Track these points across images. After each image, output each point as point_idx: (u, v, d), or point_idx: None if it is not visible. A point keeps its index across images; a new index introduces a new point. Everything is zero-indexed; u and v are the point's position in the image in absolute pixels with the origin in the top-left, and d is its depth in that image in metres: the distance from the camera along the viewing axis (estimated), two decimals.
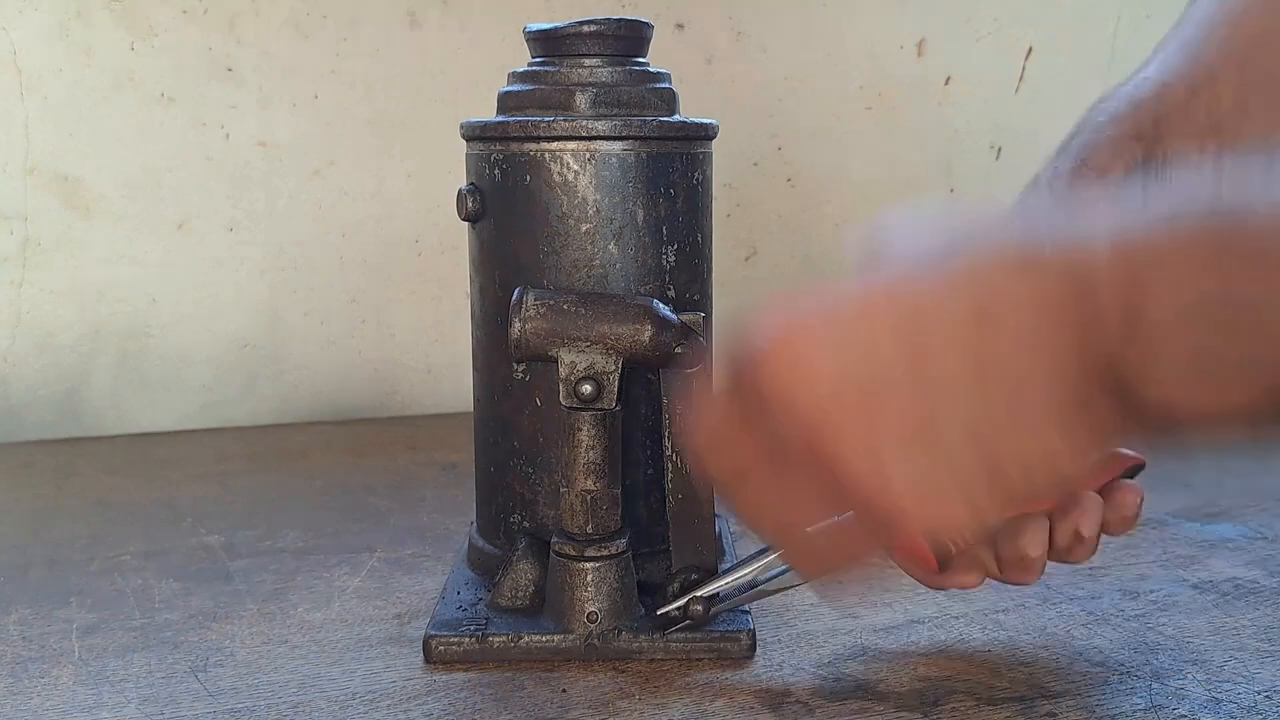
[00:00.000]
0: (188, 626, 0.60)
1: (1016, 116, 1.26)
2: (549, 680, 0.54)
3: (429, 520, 0.78)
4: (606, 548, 0.56)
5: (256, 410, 1.08)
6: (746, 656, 0.56)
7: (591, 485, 0.56)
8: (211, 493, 0.85)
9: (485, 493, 0.65)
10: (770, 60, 1.17)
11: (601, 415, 0.55)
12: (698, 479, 0.55)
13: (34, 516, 0.80)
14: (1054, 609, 0.61)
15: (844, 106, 1.20)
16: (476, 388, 0.64)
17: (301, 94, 1.05)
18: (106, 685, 0.54)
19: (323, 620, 0.61)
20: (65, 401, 1.03)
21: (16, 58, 0.98)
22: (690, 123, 0.61)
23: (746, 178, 1.18)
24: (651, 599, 0.58)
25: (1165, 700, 0.51)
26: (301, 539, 0.74)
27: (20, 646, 0.58)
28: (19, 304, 1.02)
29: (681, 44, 1.14)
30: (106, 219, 1.02)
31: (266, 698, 0.52)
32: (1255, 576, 0.65)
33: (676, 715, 0.51)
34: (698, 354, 0.56)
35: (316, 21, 1.05)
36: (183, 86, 1.02)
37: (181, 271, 1.05)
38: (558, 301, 0.55)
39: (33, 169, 1.00)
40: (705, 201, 0.63)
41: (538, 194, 0.59)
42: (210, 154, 1.04)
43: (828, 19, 1.18)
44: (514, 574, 0.59)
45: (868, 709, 0.51)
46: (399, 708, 0.51)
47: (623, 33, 0.61)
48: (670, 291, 0.60)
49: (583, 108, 0.59)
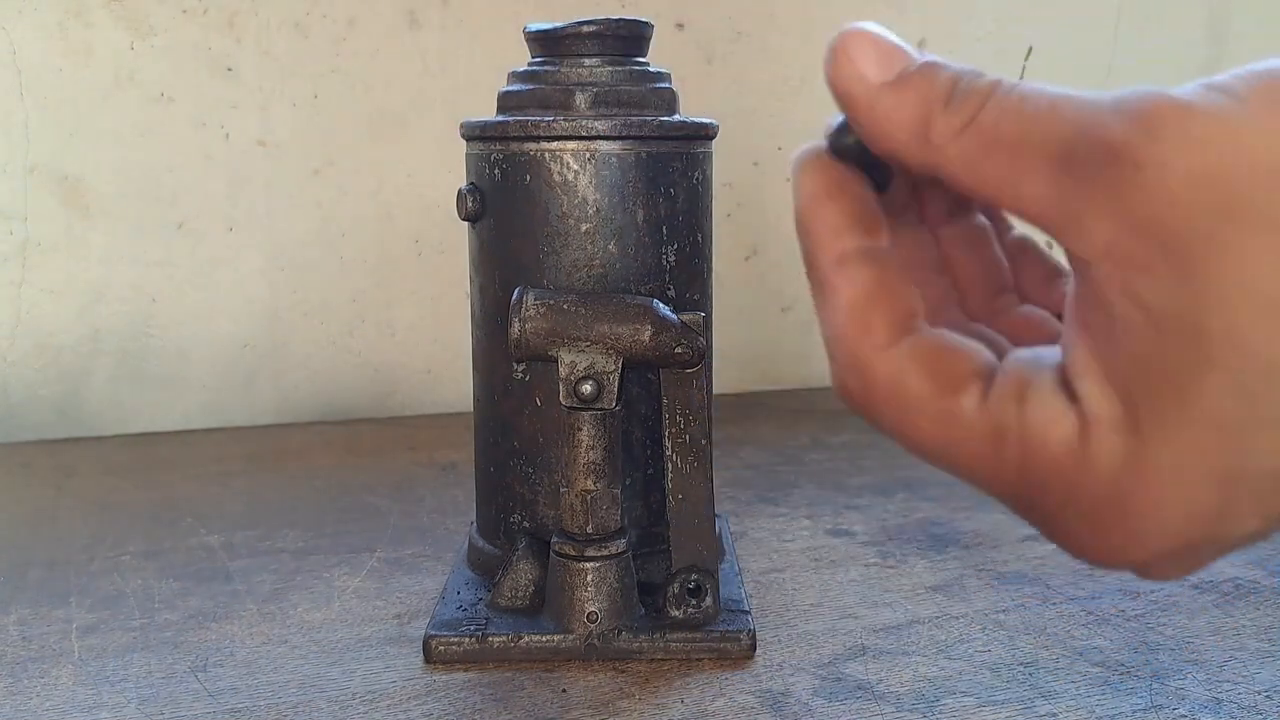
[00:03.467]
0: (188, 626, 0.60)
1: None
2: (549, 680, 0.54)
3: (429, 520, 0.78)
4: (606, 548, 0.56)
5: (256, 410, 1.08)
6: (746, 656, 0.56)
7: (591, 485, 0.56)
8: (211, 493, 0.85)
9: (485, 493, 0.65)
10: (770, 60, 1.17)
11: (601, 415, 0.55)
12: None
13: (34, 516, 0.80)
14: (1054, 609, 0.61)
15: None
16: (476, 388, 0.64)
17: (301, 94, 1.05)
18: (106, 685, 0.54)
19: (323, 620, 0.61)
20: (65, 401, 1.03)
21: (16, 57, 0.98)
22: (690, 123, 0.61)
23: (746, 178, 1.18)
24: (651, 599, 0.58)
25: (1165, 700, 0.51)
26: (301, 539, 0.74)
27: (20, 646, 0.58)
28: (19, 304, 1.02)
29: (681, 44, 1.14)
30: (106, 219, 1.02)
31: (266, 698, 0.52)
32: (1255, 576, 0.65)
33: (676, 715, 0.51)
34: (698, 354, 0.56)
35: (316, 21, 1.05)
36: (182, 86, 1.02)
37: (181, 271, 1.05)
38: (558, 301, 0.55)
39: (33, 169, 1.00)
40: (705, 201, 0.63)
41: (538, 194, 0.59)
42: (210, 154, 1.04)
43: (828, 19, 1.18)
44: (514, 574, 0.59)
45: (868, 709, 0.51)
46: (399, 708, 0.51)
47: (622, 32, 0.61)
48: (670, 291, 0.60)
49: (582, 107, 0.59)
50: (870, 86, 0.28)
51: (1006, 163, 0.25)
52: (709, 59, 1.15)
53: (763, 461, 0.92)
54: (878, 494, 0.82)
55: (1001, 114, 0.25)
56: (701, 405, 0.57)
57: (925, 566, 0.68)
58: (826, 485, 0.85)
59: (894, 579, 0.66)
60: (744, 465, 0.91)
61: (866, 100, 0.28)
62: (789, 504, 0.81)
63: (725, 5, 1.15)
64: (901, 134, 0.27)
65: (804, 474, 0.88)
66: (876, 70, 0.28)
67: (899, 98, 0.27)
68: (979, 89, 0.26)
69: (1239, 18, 1.32)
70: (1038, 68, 1.26)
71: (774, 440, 0.99)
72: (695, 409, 0.57)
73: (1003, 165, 0.25)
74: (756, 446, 0.97)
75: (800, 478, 0.87)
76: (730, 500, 0.81)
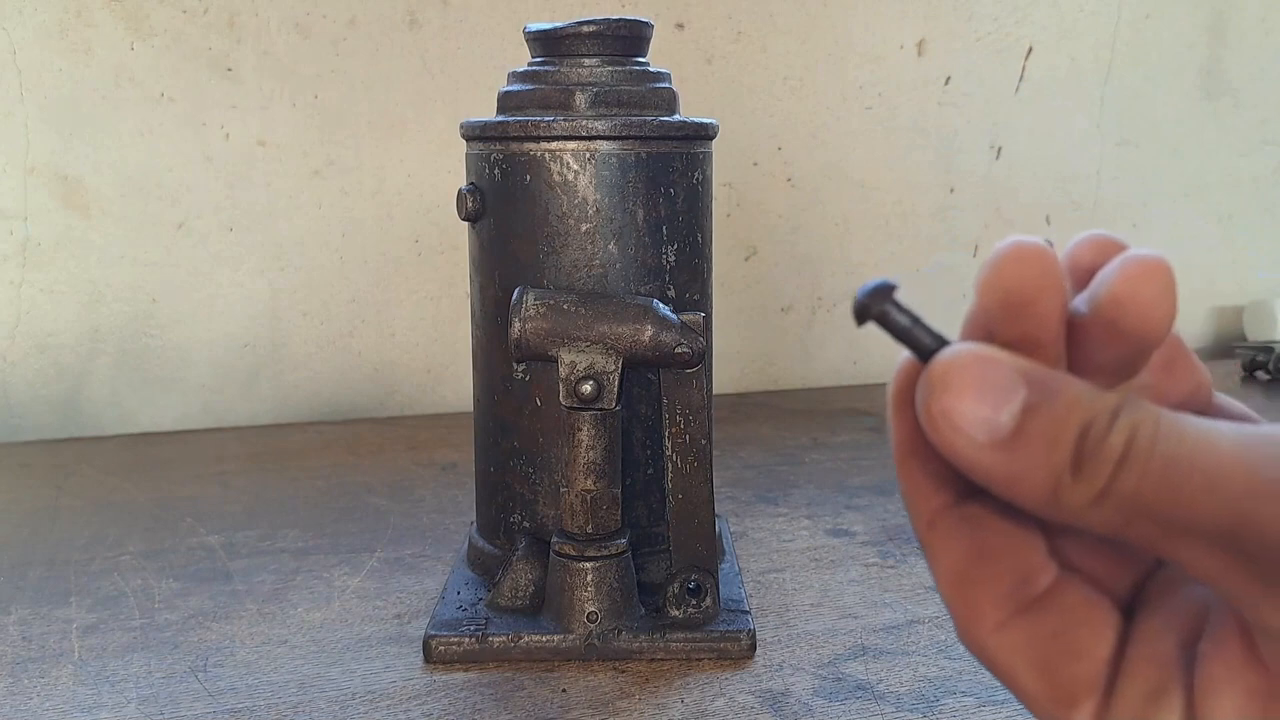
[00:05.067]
0: (188, 626, 0.60)
1: (1016, 116, 1.26)
2: (549, 680, 0.54)
3: (429, 520, 0.78)
4: (606, 548, 0.56)
5: (256, 410, 1.08)
6: (746, 656, 0.56)
7: (591, 485, 0.56)
8: (211, 493, 0.85)
9: (485, 493, 0.65)
10: (770, 60, 1.17)
11: (601, 415, 0.55)
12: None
13: (34, 516, 0.80)
14: None
15: (844, 106, 1.20)
16: (476, 388, 0.64)
17: (301, 94, 1.05)
18: (106, 685, 0.54)
19: (323, 620, 0.61)
20: (65, 401, 1.03)
21: (16, 57, 0.99)
22: (690, 123, 0.61)
23: (746, 178, 1.18)
24: (651, 599, 0.58)
25: None
26: (301, 539, 0.74)
27: (20, 646, 0.58)
28: (19, 304, 1.02)
29: (681, 44, 1.14)
30: (106, 219, 1.02)
31: (266, 698, 0.52)
32: None
33: (676, 715, 0.51)
34: (698, 354, 0.56)
35: (316, 21, 1.05)
36: (182, 86, 1.02)
37: (181, 271, 1.05)
38: (558, 301, 0.55)
39: (33, 169, 1.00)
40: (705, 201, 0.63)
41: (538, 194, 0.59)
42: (210, 154, 1.04)
43: (828, 19, 1.18)
44: (514, 574, 0.59)
45: (868, 709, 0.51)
46: (399, 708, 0.51)
47: (622, 32, 0.61)
48: (670, 291, 0.60)
49: (582, 107, 0.59)
50: (981, 450, 0.22)
51: (1157, 534, 0.22)
52: (709, 59, 1.15)
53: (763, 461, 0.92)
54: (878, 494, 0.82)
55: (1142, 484, 0.21)
56: (701, 405, 0.57)
57: (925, 566, 0.68)
58: (826, 485, 0.85)
59: (894, 579, 0.66)
60: (744, 465, 0.91)
61: (977, 464, 0.22)
62: (789, 504, 0.81)
63: (725, 5, 1.15)
64: (1025, 499, 0.22)
65: (804, 474, 0.88)
66: (983, 426, 0.22)
67: (1017, 461, 0.22)
68: (1113, 447, 0.21)
69: (1239, 18, 1.32)
70: (1038, 68, 1.26)
71: (774, 440, 0.99)
72: (695, 409, 0.57)
73: (1151, 535, 0.22)
74: (756, 446, 0.97)
75: (800, 478, 0.87)
76: (730, 500, 0.81)
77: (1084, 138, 1.30)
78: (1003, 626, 0.24)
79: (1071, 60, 1.27)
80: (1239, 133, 1.35)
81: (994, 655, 0.25)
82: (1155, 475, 0.21)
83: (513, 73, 0.63)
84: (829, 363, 1.23)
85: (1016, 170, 1.27)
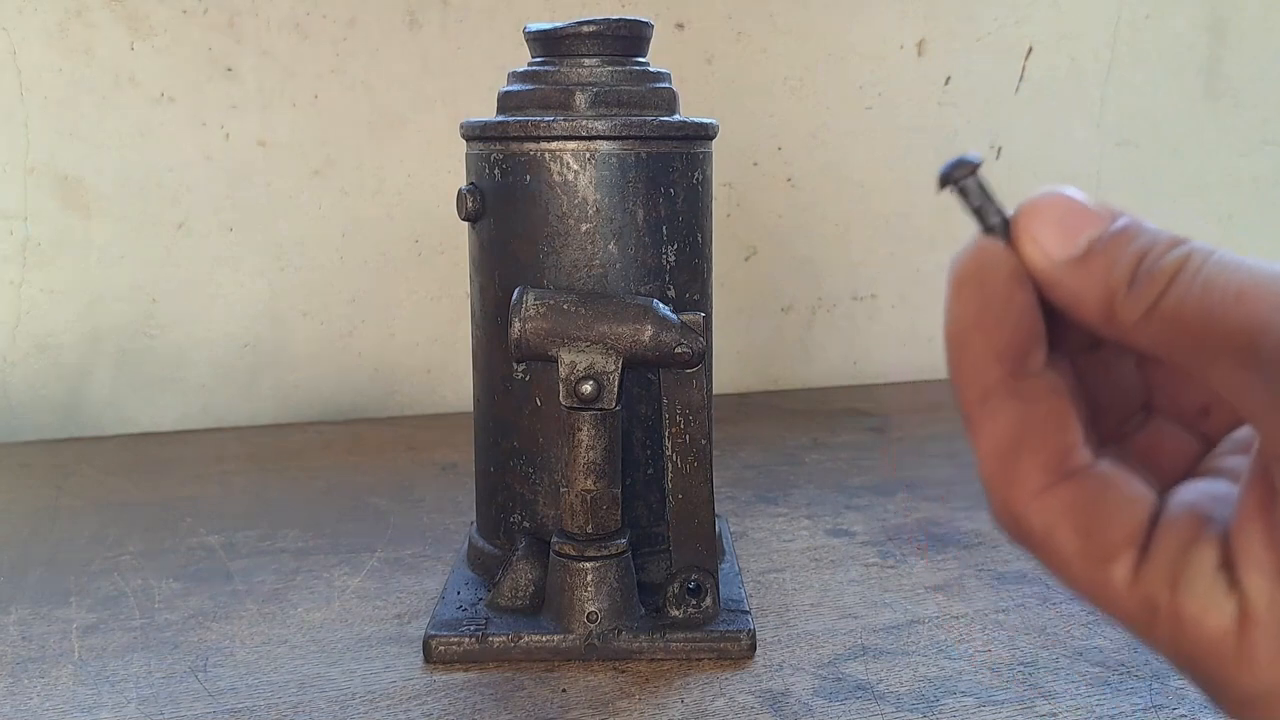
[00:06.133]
0: (188, 626, 0.60)
1: (1016, 116, 1.26)
2: (549, 680, 0.54)
3: (429, 520, 0.78)
4: (606, 548, 0.56)
5: (256, 410, 1.08)
6: (746, 656, 0.56)
7: (591, 485, 0.56)
8: (211, 493, 0.85)
9: (485, 493, 0.65)
10: (770, 60, 1.17)
11: (601, 415, 0.55)
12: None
13: (34, 516, 0.80)
14: (1054, 609, 0.61)
15: (844, 106, 1.20)
16: (476, 388, 0.64)
17: (301, 94, 1.05)
18: (106, 685, 0.54)
19: (323, 620, 0.61)
20: (65, 401, 1.03)
21: (16, 57, 0.99)
22: (690, 122, 0.61)
23: (746, 178, 1.18)
24: (651, 599, 0.58)
25: (1165, 700, 0.51)
26: (301, 539, 0.74)
27: (20, 646, 0.58)
28: (19, 304, 1.02)
29: (681, 44, 1.14)
30: (106, 219, 1.02)
31: (266, 698, 0.52)
32: None
33: (676, 715, 0.51)
34: (698, 354, 0.56)
35: (316, 21, 1.05)
36: (182, 86, 1.02)
37: (181, 271, 1.05)
38: (558, 301, 0.55)
39: (33, 169, 1.00)
40: (705, 201, 0.63)
41: (538, 194, 0.59)
42: (210, 154, 1.04)
43: (828, 19, 1.18)
44: (514, 574, 0.59)
45: (868, 709, 0.51)
46: (399, 708, 0.51)
47: (622, 32, 0.61)
48: (670, 291, 0.60)
49: (582, 107, 0.59)
50: (1054, 263, 0.26)
51: (1192, 350, 0.24)
52: (709, 59, 1.15)
53: (762, 461, 0.92)
54: (878, 494, 0.82)
55: (1184, 301, 0.24)
56: (701, 405, 0.57)
57: (925, 566, 0.68)
58: (826, 485, 0.85)
59: (894, 579, 0.66)
60: (744, 465, 0.91)
61: (1051, 278, 0.26)
62: (789, 504, 0.81)
63: (725, 5, 1.15)
64: (1087, 313, 0.26)
65: (804, 474, 0.88)
66: (1060, 244, 0.26)
67: (1083, 277, 0.25)
68: (1164, 270, 0.24)
69: (1239, 18, 1.32)
70: (1038, 68, 1.26)
71: (774, 440, 0.99)
72: (695, 409, 0.57)
73: (1188, 351, 0.24)
74: (756, 446, 0.96)
75: (800, 478, 0.87)
76: (730, 500, 0.81)
77: (1084, 138, 1.30)
78: (1045, 491, 0.26)
79: (1071, 60, 1.27)
80: (1239, 133, 1.35)
81: (1032, 521, 0.26)
82: (1196, 293, 0.24)
83: (513, 73, 0.63)
84: (829, 363, 1.23)
85: (1017, 170, 1.27)
